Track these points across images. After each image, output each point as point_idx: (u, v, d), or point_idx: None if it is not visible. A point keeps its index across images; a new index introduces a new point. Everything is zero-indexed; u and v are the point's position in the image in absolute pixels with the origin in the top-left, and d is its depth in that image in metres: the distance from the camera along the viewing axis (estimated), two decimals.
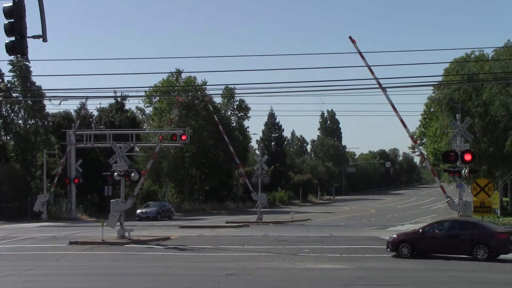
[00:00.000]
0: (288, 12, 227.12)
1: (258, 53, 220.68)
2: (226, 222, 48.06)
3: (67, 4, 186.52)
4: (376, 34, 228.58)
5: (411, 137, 34.65)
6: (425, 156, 33.97)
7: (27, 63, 60.10)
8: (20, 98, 64.17)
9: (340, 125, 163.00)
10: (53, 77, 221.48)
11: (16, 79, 62.77)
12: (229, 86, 69.35)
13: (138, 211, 57.43)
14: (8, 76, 62.94)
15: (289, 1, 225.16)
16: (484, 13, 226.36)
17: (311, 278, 18.34)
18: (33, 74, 62.79)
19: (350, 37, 31.63)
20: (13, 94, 65.50)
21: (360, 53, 31.54)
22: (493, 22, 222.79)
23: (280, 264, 21.66)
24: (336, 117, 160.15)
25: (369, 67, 31.58)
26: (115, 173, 33.36)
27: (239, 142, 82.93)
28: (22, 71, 61.16)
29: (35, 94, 62.67)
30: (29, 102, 62.88)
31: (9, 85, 63.52)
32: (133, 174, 33.46)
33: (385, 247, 25.72)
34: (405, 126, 33.20)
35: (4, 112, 63.14)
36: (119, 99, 71.52)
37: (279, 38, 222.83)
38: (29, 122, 64.37)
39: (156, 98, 78.83)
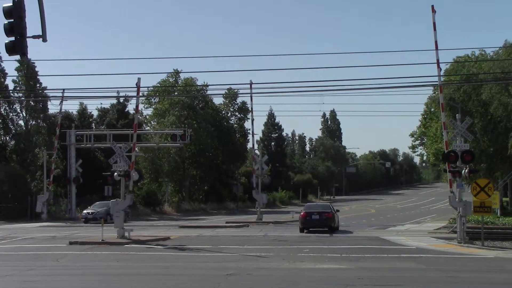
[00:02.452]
0: (289, 12, 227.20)
1: (258, 53, 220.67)
2: (226, 222, 48.01)
3: (67, 4, 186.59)
4: (376, 33, 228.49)
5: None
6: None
7: (33, 63, 60.47)
8: (23, 98, 64.22)
9: (340, 126, 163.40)
10: (53, 77, 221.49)
11: (20, 79, 62.85)
12: (232, 87, 69.70)
13: (85, 211, 52.57)
14: (12, 76, 63.29)
15: (290, 1, 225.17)
16: (484, 13, 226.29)
17: (311, 278, 18.33)
18: (34, 74, 62.94)
19: (432, 6, 31.33)
20: (16, 94, 65.53)
21: (434, 24, 31.19)
22: (493, 22, 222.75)
23: (280, 264, 21.65)
24: (337, 117, 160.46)
25: (436, 42, 31.22)
26: (115, 173, 33.32)
27: (239, 143, 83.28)
28: (29, 71, 61.28)
29: (37, 94, 62.77)
30: (31, 102, 62.95)
31: (12, 84, 63.78)
32: (133, 174, 33.43)
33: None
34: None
35: (3, 112, 63.17)
36: (121, 99, 71.53)
37: (279, 38, 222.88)
38: (31, 122, 64.35)
39: (156, 99, 78.98)
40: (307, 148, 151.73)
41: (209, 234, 36.27)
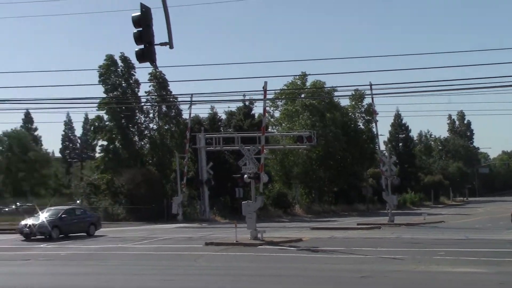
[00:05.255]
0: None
1: (378, 54, 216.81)
2: (357, 224, 47.62)
3: (192, 12, 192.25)
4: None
5: None
6: None
7: (162, 73, 64.27)
8: (156, 104, 67.67)
9: (471, 126, 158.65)
10: (181, 82, 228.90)
11: (153, 88, 66.84)
12: (359, 88, 69.21)
13: (22, 222, 38.01)
14: (145, 83, 67.57)
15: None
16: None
17: (449, 282, 17.89)
18: (165, 82, 66.51)
19: None
20: (149, 102, 69.44)
21: None
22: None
23: (415, 267, 21.22)
24: (466, 117, 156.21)
25: None
26: (245, 176, 33.82)
27: (367, 145, 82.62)
28: (159, 80, 64.96)
29: (168, 100, 65.95)
30: (164, 108, 66.32)
31: (146, 94, 67.90)
32: (263, 176, 33.80)
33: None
34: None
35: (138, 119, 66.85)
36: (247, 103, 72.84)
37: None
38: (165, 127, 67.76)
39: (282, 101, 79.86)
40: (436, 148, 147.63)
41: (341, 236, 36.12)
